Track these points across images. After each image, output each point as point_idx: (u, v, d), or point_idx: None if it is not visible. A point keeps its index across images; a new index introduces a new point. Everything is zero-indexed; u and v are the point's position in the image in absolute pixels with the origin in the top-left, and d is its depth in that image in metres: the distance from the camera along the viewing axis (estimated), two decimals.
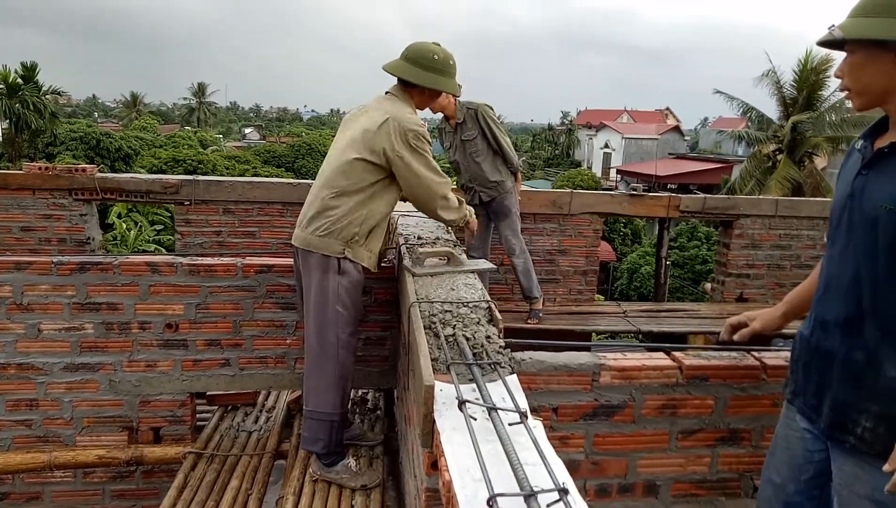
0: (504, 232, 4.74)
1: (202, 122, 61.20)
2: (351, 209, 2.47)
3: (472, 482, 1.14)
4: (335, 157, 2.55)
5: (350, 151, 2.48)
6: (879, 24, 1.43)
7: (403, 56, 2.59)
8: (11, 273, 2.76)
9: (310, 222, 2.51)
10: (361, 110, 2.63)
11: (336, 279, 2.46)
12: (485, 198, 4.62)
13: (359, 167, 2.46)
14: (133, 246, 14.32)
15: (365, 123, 2.50)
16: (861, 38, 1.46)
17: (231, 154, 31.90)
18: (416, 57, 2.55)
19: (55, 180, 4.94)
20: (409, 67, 2.55)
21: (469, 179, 4.62)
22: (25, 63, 24.88)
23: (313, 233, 2.49)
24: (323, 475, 2.57)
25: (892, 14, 1.42)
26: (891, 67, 1.45)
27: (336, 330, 2.48)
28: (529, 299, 4.91)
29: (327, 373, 2.50)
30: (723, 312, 5.48)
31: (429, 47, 2.58)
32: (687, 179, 34.27)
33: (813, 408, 1.64)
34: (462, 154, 4.58)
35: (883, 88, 1.48)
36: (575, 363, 1.95)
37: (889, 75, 1.46)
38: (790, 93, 18.97)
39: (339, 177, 2.49)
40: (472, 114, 4.51)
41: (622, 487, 2.05)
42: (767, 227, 5.64)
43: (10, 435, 2.88)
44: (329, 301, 2.46)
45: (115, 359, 2.88)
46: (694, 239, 17.55)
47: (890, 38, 1.42)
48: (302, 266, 2.57)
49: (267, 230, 5.26)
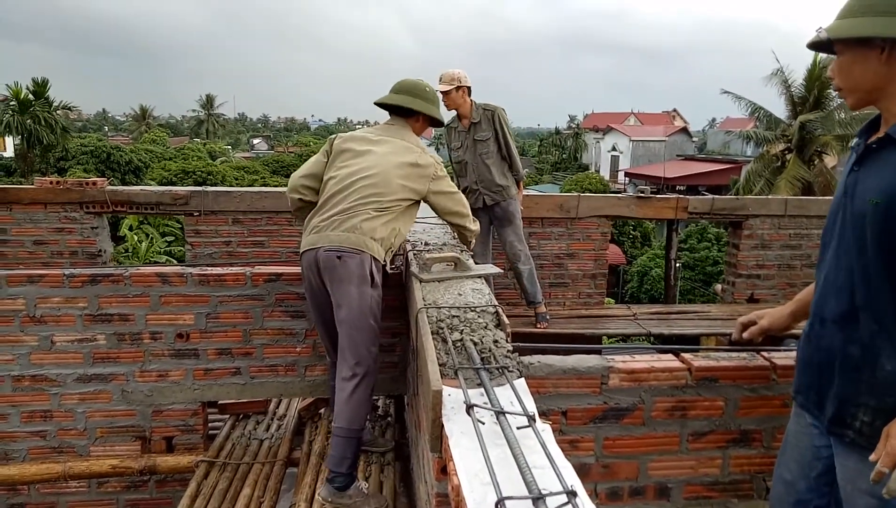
0: (509, 238, 4.72)
1: (211, 133, 61.61)
2: (388, 222, 2.57)
3: (480, 485, 1.14)
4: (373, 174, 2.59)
5: (395, 175, 2.60)
6: (862, 23, 1.45)
7: (397, 90, 2.82)
8: (24, 286, 2.79)
9: (347, 222, 2.51)
10: (377, 135, 2.75)
11: (370, 293, 2.46)
12: (488, 201, 4.61)
13: (401, 191, 2.61)
14: (145, 258, 14.45)
15: (402, 153, 2.67)
16: (845, 37, 1.48)
17: (240, 165, 32.12)
18: (413, 90, 2.80)
19: (66, 194, 5.00)
20: (411, 98, 2.78)
21: (475, 181, 4.60)
22: (36, 79, 25.22)
23: (353, 232, 2.49)
24: (335, 501, 2.47)
25: (875, 12, 1.44)
26: (877, 64, 1.46)
27: (369, 345, 2.47)
28: (534, 303, 4.90)
29: (360, 390, 2.46)
30: (734, 313, 5.45)
31: (420, 81, 2.86)
32: (696, 180, 34.12)
33: (816, 404, 1.65)
34: (472, 154, 4.57)
35: (871, 86, 1.50)
36: (583, 366, 1.95)
37: (876, 73, 1.48)
38: (799, 92, 18.86)
39: (380, 194, 2.57)
40: (489, 115, 4.53)
41: (633, 490, 2.04)
42: (777, 227, 5.61)
43: (25, 446, 2.91)
44: (365, 316, 2.45)
45: (127, 369, 2.91)
46: (704, 240, 17.48)
47: (872, 34, 1.43)
48: (329, 277, 2.49)
49: (276, 240, 5.29)
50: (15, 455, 2.90)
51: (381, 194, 2.58)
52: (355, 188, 2.58)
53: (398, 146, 2.70)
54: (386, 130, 2.79)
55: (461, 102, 4.41)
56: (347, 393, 2.46)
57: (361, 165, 2.63)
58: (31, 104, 24.21)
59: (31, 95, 24.68)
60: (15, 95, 24.32)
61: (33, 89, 24.96)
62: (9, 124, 23.54)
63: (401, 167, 2.64)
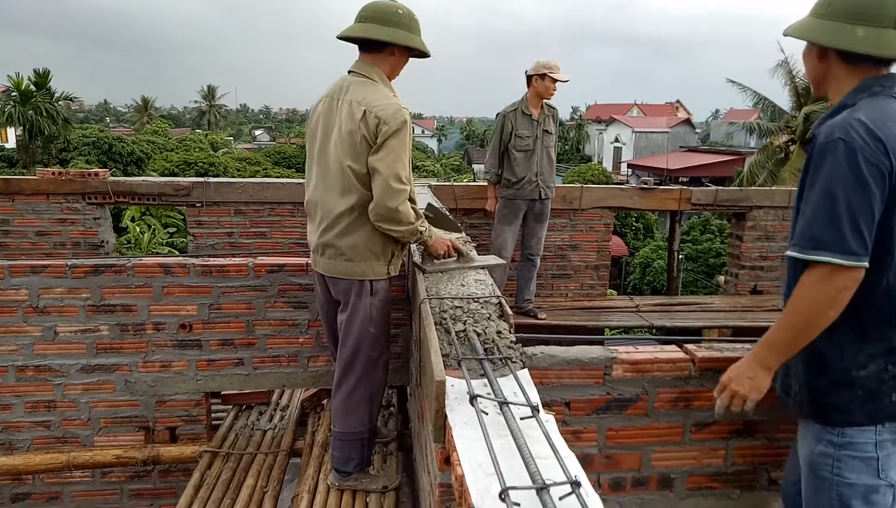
0: (539, 233, 4.85)
1: (213, 124, 61.53)
2: (372, 226, 2.27)
3: (484, 476, 1.14)
4: (329, 165, 2.29)
5: (345, 157, 2.23)
6: (799, 24, 1.67)
7: (361, 18, 2.28)
8: (28, 277, 2.79)
9: (340, 247, 2.30)
10: (332, 98, 2.32)
11: (368, 301, 2.35)
12: (543, 195, 4.71)
13: (358, 176, 2.23)
14: (147, 249, 14.46)
15: (346, 120, 2.23)
16: (788, 35, 1.69)
17: (242, 156, 32.10)
18: (379, 15, 2.25)
19: (69, 185, 5.00)
20: (374, 26, 2.24)
21: (537, 173, 4.66)
22: (38, 70, 25.18)
23: (349, 260, 2.30)
24: (342, 484, 2.49)
25: (814, 13, 1.64)
26: (815, 60, 1.67)
27: (368, 351, 2.39)
28: (528, 302, 4.99)
29: (356, 394, 2.42)
30: (736, 304, 5.44)
31: (389, 3, 2.28)
32: (699, 172, 33.98)
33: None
34: (540, 145, 4.66)
35: (815, 80, 1.71)
36: (587, 356, 1.95)
37: (815, 67, 1.68)
38: (803, 83, 18.74)
39: (343, 190, 2.25)
40: (554, 113, 4.75)
41: (636, 480, 2.04)
42: (781, 218, 5.59)
43: (29, 436, 2.92)
44: (362, 324, 2.36)
45: (130, 360, 2.91)
46: (707, 232, 17.44)
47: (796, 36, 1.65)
48: (332, 288, 2.43)
49: (278, 230, 5.30)
50: (19, 444, 2.92)
51: (347, 189, 2.24)
52: (320, 186, 2.33)
53: (351, 115, 2.21)
54: (351, 87, 2.28)
55: (549, 84, 4.54)
56: (342, 396, 2.45)
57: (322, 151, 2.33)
58: (32, 95, 24.19)
59: (32, 86, 24.66)
60: (16, 85, 24.29)
61: (35, 80, 24.94)
62: (10, 115, 23.53)
63: (347, 141, 2.21)
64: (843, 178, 1.47)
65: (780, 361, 1.66)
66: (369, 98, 2.22)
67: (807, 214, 1.53)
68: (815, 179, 1.53)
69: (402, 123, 2.18)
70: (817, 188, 1.51)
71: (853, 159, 1.46)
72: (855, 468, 1.57)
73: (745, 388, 1.69)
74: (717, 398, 1.77)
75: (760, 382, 1.67)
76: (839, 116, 1.55)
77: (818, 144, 1.54)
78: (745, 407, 1.71)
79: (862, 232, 1.46)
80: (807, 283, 1.53)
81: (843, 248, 1.47)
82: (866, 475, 1.57)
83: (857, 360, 1.58)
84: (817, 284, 1.51)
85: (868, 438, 1.57)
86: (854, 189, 1.46)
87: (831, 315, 1.53)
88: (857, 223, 1.46)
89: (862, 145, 1.47)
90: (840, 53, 1.60)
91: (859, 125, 1.49)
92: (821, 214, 1.49)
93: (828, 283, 1.50)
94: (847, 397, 1.59)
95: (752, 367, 1.68)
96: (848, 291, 1.50)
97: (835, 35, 1.57)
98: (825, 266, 1.49)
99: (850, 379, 1.59)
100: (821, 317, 1.53)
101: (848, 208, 1.46)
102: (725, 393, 1.73)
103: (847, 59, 1.59)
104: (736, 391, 1.71)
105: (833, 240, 1.47)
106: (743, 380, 1.69)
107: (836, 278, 1.49)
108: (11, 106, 23.67)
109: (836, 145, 1.49)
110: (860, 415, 1.58)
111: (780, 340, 1.62)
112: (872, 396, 1.58)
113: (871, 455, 1.57)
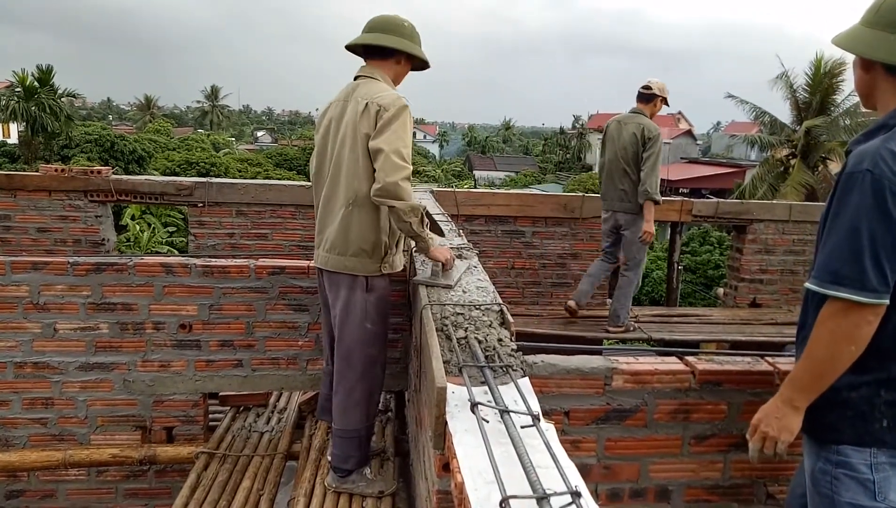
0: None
1: (215, 125, 61.61)
2: (374, 220, 2.33)
3: (484, 483, 1.14)
4: (337, 162, 2.37)
5: (351, 155, 2.32)
6: (846, 35, 1.58)
7: (368, 28, 2.44)
8: (28, 273, 2.79)
9: (333, 241, 2.38)
10: (341, 101, 2.43)
11: (364, 297, 2.38)
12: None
13: (361, 169, 2.30)
14: (146, 248, 14.46)
15: (352, 115, 2.33)
16: (834, 44, 1.62)
17: (243, 157, 32.14)
18: (386, 26, 2.42)
19: (71, 182, 5.00)
20: (382, 35, 2.41)
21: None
22: (41, 66, 25.21)
23: (341, 254, 2.37)
24: (339, 486, 2.50)
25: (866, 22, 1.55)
26: (861, 72, 1.59)
27: (365, 349, 2.41)
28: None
29: (355, 392, 2.44)
30: (735, 317, 5.44)
31: (396, 16, 2.47)
32: (699, 183, 34.01)
33: None
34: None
35: (862, 91, 1.63)
36: (587, 366, 1.95)
37: (862, 80, 1.60)
38: (803, 97, 18.81)
39: (346, 185, 2.33)
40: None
41: (634, 492, 2.04)
42: (781, 232, 5.60)
43: (25, 433, 2.91)
44: (358, 320, 2.38)
45: (129, 359, 2.91)
46: (706, 244, 17.44)
47: (848, 49, 1.57)
48: (327, 283, 2.48)
49: (279, 232, 5.29)
50: (16, 441, 2.91)
51: (351, 185, 2.32)
52: (327, 185, 2.41)
53: (354, 111, 2.32)
54: (355, 89, 2.39)
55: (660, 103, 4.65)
56: (343, 394, 2.46)
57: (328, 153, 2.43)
58: (36, 91, 24.23)
59: (36, 82, 24.69)
60: (20, 81, 24.32)
61: (38, 76, 24.96)
62: (14, 111, 23.55)
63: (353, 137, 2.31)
64: (868, 211, 1.43)
65: (808, 399, 1.59)
66: (371, 92, 2.34)
67: (828, 245, 1.49)
68: (839, 209, 1.49)
69: (401, 107, 2.28)
70: (841, 220, 1.47)
71: (879, 192, 1.42)
72: (851, 487, 1.55)
73: (774, 429, 1.64)
74: (749, 441, 1.73)
75: (790, 422, 1.62)
76: (872, 142, 1.49)
77: (846, 171, 1.50)
78: (776, 449, 1.66)
79: (884, 268, 1.43)
80: (824, 318, 1.50)
81: (863, 284, 1.43)
82: (864, 496, 1.54)
83: (850, 382, 1.56)
84: (834, 319, 1.48)
85: (862, 459, 1.55)
86: (878, 224, 1.42)
87: (853, 351, 1.48)
88: (880, 259, 1.42)
89: (891, 179, 1.42)
90: (886, 66, 1.51)
91: (890, 156, 1.43)
92: (843, 246, 1.45)
93: (843, 319, 1.47)
94: (838, 416, 1.57)
95: (780, 407, 1.63)
96: (869, 326, 1.46)
97: (878, 46, 1.49)
98: (843, 302, 1.46)
99: (841, 399, 1.57)
100: (841, 353, 1.49)
101: (871, 243, 1.42)
102: (756, 435, 1.69)
103: (893, 72, 1.51)
104: (766, 433, 1.66)
105: (853, 275, 1.44)
106: (771, 421, 1.65)
107: (853, 314, 1.46)
108: (15, 101, 23.69)
109: (863, 177, 1.44)
110: (850, 435, 1.56)
111: (804, 378, 1.58)
112: (863, 418, 1.55)
113: (867, 476, 1.54)
